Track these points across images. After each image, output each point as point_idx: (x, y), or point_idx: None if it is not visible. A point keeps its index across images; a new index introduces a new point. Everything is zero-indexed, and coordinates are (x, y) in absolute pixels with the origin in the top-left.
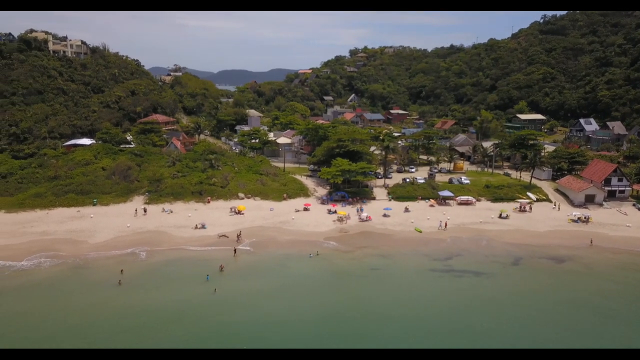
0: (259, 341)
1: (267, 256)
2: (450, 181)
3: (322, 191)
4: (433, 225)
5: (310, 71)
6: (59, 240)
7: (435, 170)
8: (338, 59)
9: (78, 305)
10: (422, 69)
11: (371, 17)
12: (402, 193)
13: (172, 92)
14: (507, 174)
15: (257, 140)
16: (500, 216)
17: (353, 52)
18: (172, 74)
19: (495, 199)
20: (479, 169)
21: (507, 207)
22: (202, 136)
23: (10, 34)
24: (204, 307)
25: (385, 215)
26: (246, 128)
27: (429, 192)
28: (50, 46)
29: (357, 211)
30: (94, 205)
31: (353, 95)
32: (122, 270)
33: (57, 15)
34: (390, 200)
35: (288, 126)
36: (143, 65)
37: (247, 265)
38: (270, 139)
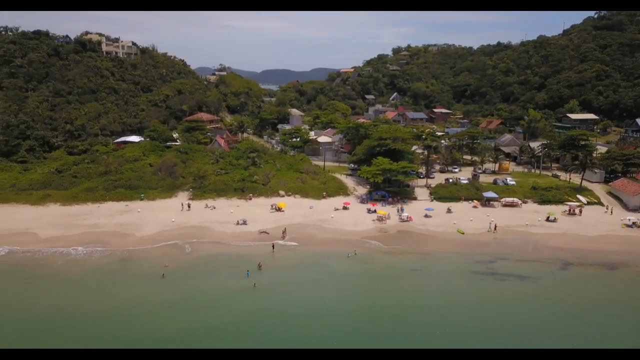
0: (296, 338)
1: (305, 254)
2: (495, 182)
3: (361, 190)
4: (476, 227)
5: (352, 70)
6: (108, 233)
7: (480, 171)
8: (381, 57)
9: (122, 296)
10: (467, 67)
11: (415, 15)
12: (445, 193)
13: (217, 92)
14: (556, 176)
15: (298, 139)
16: (547, 219)
17: (396, 51)
18: (217, 73)
19: (543, 202)
20: (526, 170)
21: (556, 210)
22: (244, 134)
23: (67, 36)
24: (243, 302)
25: (426, 216)
26: (288, 127)
27: (473, 192)
28: (104, 47)
29: (398, 211)
30: (141, 200)
31: (395, 94)
32: (166, 265)
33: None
34: (432, 200)
35: (329, 125)
36: (189, 65)
37: (286, 262)
38: (310, 137)
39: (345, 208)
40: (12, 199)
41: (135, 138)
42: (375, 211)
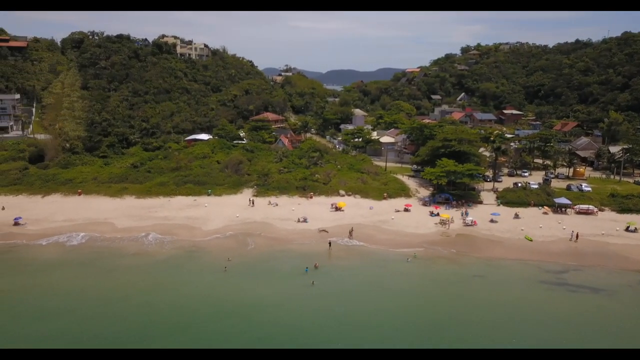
0: (351, 340)
1: (364, 254)
2: (569, 188)
3: (424, 192)
4: (545, 234)
5: (418, 70)
6: (177, 226)
7: (552, 176)
8: (448, 57)
9: (186, 288)
10: (542, 66)
11: (486, 13)
12: (513, 198)
13: (282, 92)
14: (639, 183)
15: (360, 139)
16: (627, 229)
17: (465, 50)
18: (283, 74)
19: (622, 210)
20: (604, 176)
21: (637, 219)
22: (308, 134)
23: (146, 39)
24: (301, 299)
25: (492, 221)
26: (350, 127)
27: (543, 198)
28: (178, 49)
29: (462, 215)
30: (209, 195)
31: (463, 94)
32: (229, 258)
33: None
34: (498, 205)
35: (392, 125)
36: (257, 66)
37: (344, 261)
38: (373, 137)
39: (406, 210)
40: (94, 191)
41: (204, 136)
42: (438, 214)
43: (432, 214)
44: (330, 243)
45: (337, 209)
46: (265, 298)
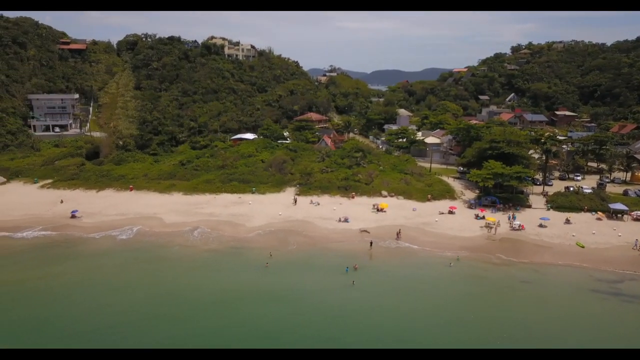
0: (391, 342)
1: (405, 256)
2: (626, 193)
3: (470, 195)
4: (598, 241)
5: (465, 70)
6: (222, 222)
7: (607, 180)
8: (498, 56)
9: (228, 283)
10: (598, 66)
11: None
12: (564, 202)
13: (327, 92)
14: None
15: (404, 139)
16: None
17: (515, 49)
18: (327, 74)
19: None
20: None
21: None
22: (351, 134)
23: (195, 41)
24: (341, 299)
25: (541, 226)
26: (394, 127)
27: (597, 203)
28: (226, 50)
29: (509, 219)
30: (253, 193)
31: (512, 94)
32: (270, 254)
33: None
34: (548, 209)
35: (438, 126)
36: (302, 67)
37: (385, 263)
38: (418, 138)
39: (450, 212)
40: (144, 187)
41: (249, 135)
42: (483, 217)
43: (477, 217)
44: (371, 243)
45: (379, 209)
46: (305, 295)
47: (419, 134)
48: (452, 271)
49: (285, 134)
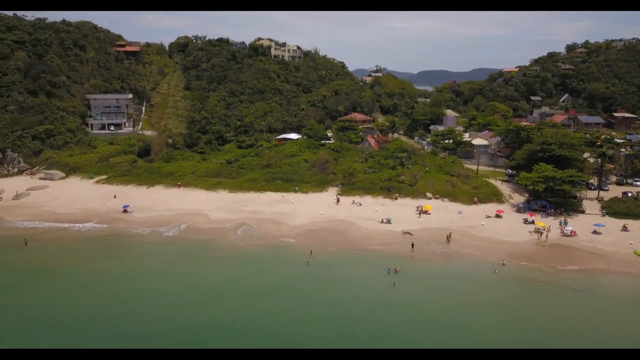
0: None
1: (449, 260)
2: None
3: (518, 198)
4: None
5: (516, 69)
6: (265, 220)
7: None
8: (551, 55)
9: (270, 279)
10: None
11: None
12: (621, 209)
13: (371, 92)
14: None
15: (450, 141)
16: None
17: (570, 48)
18: (372, 74)
19: None
20: None
21: None
22: (395, 135)
23: (243, 42)
24: (382, 300)
25: (595, 232)
26: (440, 128)
27: None
28: (272, 51)
29: (560, 224)
30: (296, 192)
31: (566, 95)
32: (311, 252)
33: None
34: (603, 215)
35: (486, 127)
36: (347, 67)
37: (427, 266)
38: (464, 139)
39: (498, 216)
40: (192, 184)
41: (294, 135)
42: (533, 222)
43: (526, 221)
44: (412, 245)
45: (424, 211)
46: (346, 295)
47: (466, 135)
48: (498, 277)
49: (329, 134)
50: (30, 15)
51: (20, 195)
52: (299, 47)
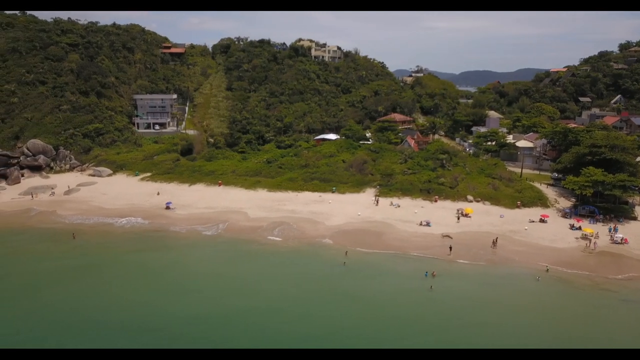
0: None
1: (488, 265)
2: None
3: (564, 203)
4: None
5: (564, 70)
6: (302, 219)
7: None
8: (602, 55)
9: (305, 279)
10: None
11: None
12: None
13: (412, 93)
14: None
15: (493, 142)
16: None
17: (624, 47)
18: (413, 75)
19: None
20: None
21: None
22: (436, 136)
23: (284, 43)
24: (418, 301)
25: None
26: (483, 129)
27: None
28: (313, 52)
29: (610, 231)
30: (333, 192)
31: (619, 96)
32: (347, 253)
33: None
34: None
35: (531, 129)
36: (387, 67)
37: (466, 270)
38: (508, 141)
39: (542, 221)
40: (232, 183)
41: (332, 136)
42: (580, 228)
43: (572, 227)
44: (450, 248)
45: (464, 214)
46: (382, 296)
47: (510, 137)
48: (541, 284)
49: (368, 134)
50: (84, 19)
51: (71, 191)
52: (339, 48)
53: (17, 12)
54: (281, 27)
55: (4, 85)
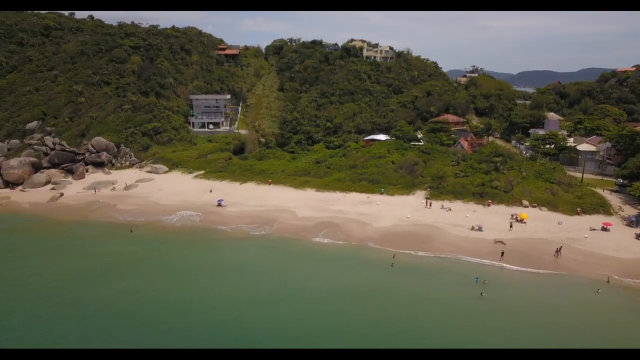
0: None
1: (543, 274)
2: None
3: (630, 211)
4: None
5: (633, 69)
6: (349, 220)
7: None
8: None
9: (352, 279)
10: None
11: None
12: None
13: (466, 93)
14: None
15: (552, 145)
16: None
17: None
18: (468, 75)
19: None
20: None
21: None
22: (490, 138)
23: (336, 44)
24: (467, 307)
25: None
26: (541, 132)
27: None
28: (364, 52)
29: None
30: (381, 194)
31: None
32: (394, 255)
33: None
34: None
35: (594, 132)
36: (441, 67)
37: (520, 278)
38: (568, 144)
39: (604, 229)
40: (281, 182)
41: (382, 136)
42: None
43: (638, 237)
44: (502, 254)
45: (519, 220)
46: (430, 301)
47: (570, 140)
48: (601, 296)
49: (419, 135)
50: (145, 22)
51: (130, 187)
52: (391, 48)
53: (85, 17)
54: (333, 28)
55: (72, 86)
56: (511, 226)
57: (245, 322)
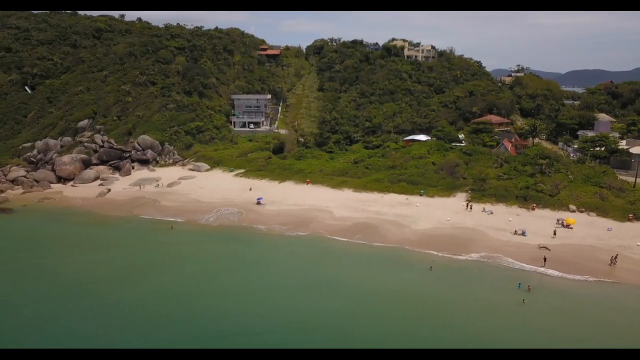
0: None
1: (591, 283)
2: None
3: None
4: None
5: None
6: (387, 221)
7: None
8: None
9: (390, 281)
10: None
11: None
12: None
13: (510, 93)
14: None
15: (602, 148)
16: None
17: None
18: (513, 74)
19: None
20: None
21: None
22: (536, 139)
23: (376, 43)
24: (509, 318)
25: None
26: (591, 134)
27: None
28: (406, 52)
29: None
30: (421, 195)
31: None
32: (433, 259)
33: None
34: None
35: None
36: (485, 67)
37: (566, 287)
38: (620, 147)
39: None
40: (319, 181)
41: (422, 137)
42: None
43: None
44: (545, 259)
45: (565, 225)
46: (470, 306)
47: (623, 142)
48: None
49: (461, 136)
50: (190, 24)
51: (173, 184)
52: (433, 47)
53: (134, 19)
54: (374, 27)
55: (120, 86)
56: (555, 233)
57: (279, 323)
